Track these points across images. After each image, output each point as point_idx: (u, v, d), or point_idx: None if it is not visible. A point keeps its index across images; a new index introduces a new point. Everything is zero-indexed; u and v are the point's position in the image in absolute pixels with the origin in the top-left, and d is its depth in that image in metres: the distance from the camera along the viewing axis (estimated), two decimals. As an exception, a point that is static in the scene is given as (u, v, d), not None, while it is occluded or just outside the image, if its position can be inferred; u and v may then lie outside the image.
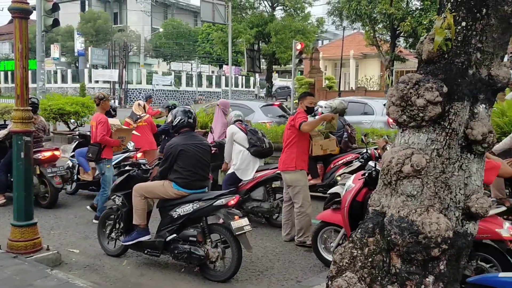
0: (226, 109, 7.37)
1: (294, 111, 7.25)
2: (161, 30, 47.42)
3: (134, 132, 7.35)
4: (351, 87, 35.43)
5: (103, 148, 6.17)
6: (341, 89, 31.51)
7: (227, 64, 20.15)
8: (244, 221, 4.27)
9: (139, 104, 8.18)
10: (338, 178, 6.19)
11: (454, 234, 2.28)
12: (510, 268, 3.66)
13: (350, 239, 2.44)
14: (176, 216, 4.38)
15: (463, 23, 2.34)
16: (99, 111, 6.37)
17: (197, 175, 4.45)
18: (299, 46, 18.17)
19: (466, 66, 2.35)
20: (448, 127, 2.31)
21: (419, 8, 21.90)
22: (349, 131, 7.53)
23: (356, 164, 6.13)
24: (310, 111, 5.63)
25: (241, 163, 6.12)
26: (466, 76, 2.35)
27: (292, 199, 5.39)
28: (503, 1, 2.30)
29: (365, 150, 6.12)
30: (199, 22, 48.51)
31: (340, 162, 7.22)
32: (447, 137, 2.31)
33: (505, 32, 2.39)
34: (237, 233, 4.17)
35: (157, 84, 37.44)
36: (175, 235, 4.39)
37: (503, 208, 4.11)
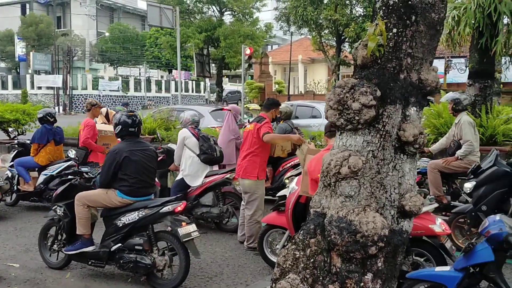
0: (238, 114, 7.28)
1: (250, 117, 7.30)
2: (107, 34, 46.19)
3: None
4: (300, 91, 36.07)
5: (90, 152, 6.20)
6: (291, 93, 32.03)
7: (176, 69, 19.93)
8: (192, 228, 4.23)
9: (101, 113, 7.86)
10: (286, 181, 6.28)
11: (390, 232, 2.38)
12: (443, 262, 3.87)
13: (293, 240, 2.48)
14: (121, 225, 4.27)
15: (394, 30, 2.45)
16: (89, 116, 6.72)
17: (143, 182, 4.36)
18: (248, 51, 18.28)
19: (397, 71, 2.46)
20: (382, 129, 2.41)
21: (362, 14, 22.69)
22: (297, 135, 7.66)
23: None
24: (275, 119, 5.80)
25: (191, 169, 6.07)
26: (398, 81, 2.46)
27: (246, 204, 5.40)
28: (431, 9, 2.44)
29: (311, 153, 6.24)
30: (147, 27, 47.67)
31: (288, 165, 7.32)
32: (382, 139, 2.41)
33: (433, 38, 2.53)
34: (184, 240, 4.12)
35: (103, 90, 36.42)
36: (120, 244, 4.29)
37: (435, 205, 4.32)
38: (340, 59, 25.05)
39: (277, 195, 5.50)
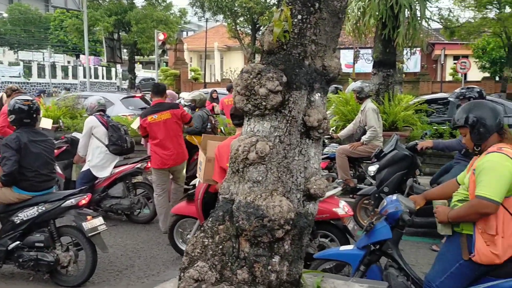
0: (175, 100, 7.20)
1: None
2: (5, 15, 42.33)
3: None
4: (217, 79, 35.93)
5: None
6: (207, 80, 31.76)
7: (84, 54, 18.82)
8: (98, 221, 4.03)
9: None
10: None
11: (296, 215, 2.42)
12: (347, 242, 4.08)
13: (202, 228, 2.44)
14: (18, 221, 3.95)
15: (299, 16, 2.46)
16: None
17: (42, 176, 4.05)
18: (161, 37, 17.81)
19: (302, 57, 2.49)
20: (289, 114, 2.43)
21: (276, 2, 23.04)
22: (213, 122, 7.60)
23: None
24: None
25: (98, 160, 5.76)
26: (303, 67, 2.49)
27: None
28: (333, -4, 2.49)
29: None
30: (51, 8, 44.41)
31: (203, 153, 7.25)
32: (288, 124, 2.43)
33: (336, 26, 2.59)
34: (90, 234, 3.92)
35: (2, 76, 33.44)
36: (18, 242, 3.97)
37: (339, 189, 4.53)
38: (255, 47, 25.33)
39: (191, 183, 5.43)
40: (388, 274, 3.21)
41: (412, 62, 31.86)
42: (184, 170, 5.81)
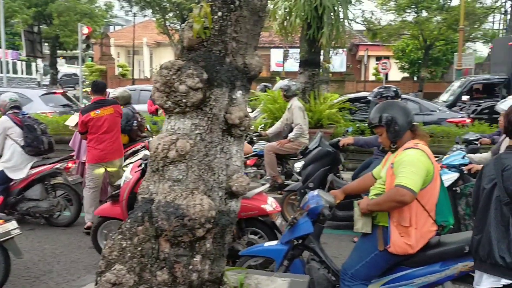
0: None
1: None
2: None
3: None
4: (146, 76, 35.03)
5: None
6: (136, 77, 30.87)
7: (0, 47, 17.53)
8: (11, 225, 3.77)
9: None
10: (125, 168, 6.03)
11: (218, 213, 2.41)
12: (275, 238, 4.15)
13: (119, 230, 2.36)
14: None
15: (219, 13, 2.45)
16: None
17: None
18: (85, 30, 16.98)
19: (223, 54, 2.48)
20: (210, 112, 2.41)
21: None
22: (139, 120, 7.38)
23: (142, 153, 6.05)
24: None
25: (13, 160, 5.39)
26: (224, 64, 2.48)
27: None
28: (254, -5, 2.50)
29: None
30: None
31: (129, 151, 7.03)
32: (209, 122, 2.42)
33: (256, 24, 2.60)
34: (2, 239, 3.65)
35: None
36: None
37: (267, 186, 4.59)
38: (185, 44, 24.91)
39: (114, 183, 5.26)
40: (310, 268, 3.30)
41: (338, 62, 33.14)
42: (120, 170, 5.63)
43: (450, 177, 4.79)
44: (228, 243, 2.57)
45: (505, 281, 2.46)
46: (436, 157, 5.55)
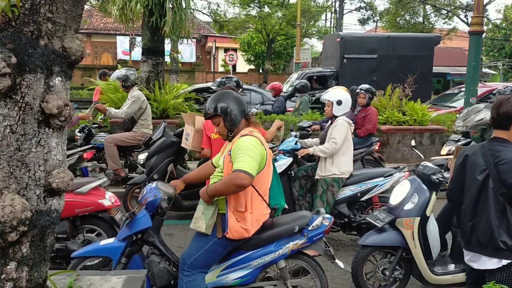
0: None
1: None
2: None
3: None
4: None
5: None
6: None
7: None
8: None
9: None
10: None
11: (37, 213, 2.17)
12: (115, 234, 3.94)
13: None
14: None
15: (30, -10, 2.17)
16: None
17: None
18: None
19: (37, 36, 2.21)
20: (21, 101, 2.13)
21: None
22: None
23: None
24: None
25: None
26: (37, 47, 2.21)
27: None
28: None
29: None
30: None
31: None
32: (21, 112, 2.14)
33: (77, 4, 2.38)
34: None
35: None
36: None
37: (104, 179, 4.35)
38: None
39: None
40: (150, 262, 3.21)
41: (188, 53, 33.16)
42: None
43: (285, 161, 5.12)
44: (52, 245, 2.33)
45: (505, 261, 2.68)
46: (274, 143, 5.91)
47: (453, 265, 3.89)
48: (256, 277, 3.21)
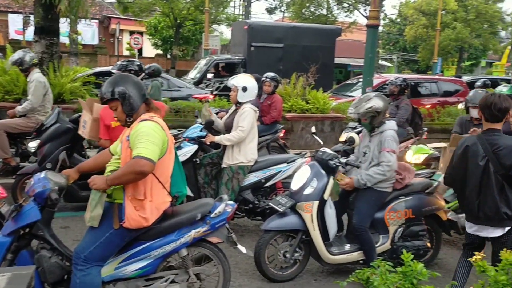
0: None
1: None
2: None
3: None
4: None
5: None
6: None
7: None
8: None
9: None
10: None
11: None
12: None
13: None
14: None
15: None
16: None
17: None
18: None
19: None
20: None
21: None
22: None
23: None
24: None
25: None
26: None
27: None
28: None
29: None
30: None
31: None
32: None
33: None
34: None
35: None
36: None
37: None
38: None
39: None
40: (40, 257, 2.98)
41: (89, 34, 31.20)
42: None
43: (190, 149, 5.04)
44: None
45: (507, 228, 3.21)
46: (179, 130, 5.79)
47: (349, 245, 4.13)
48: (157, 267, 3.13)
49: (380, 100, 4.01)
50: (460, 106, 10.56)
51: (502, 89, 6.10)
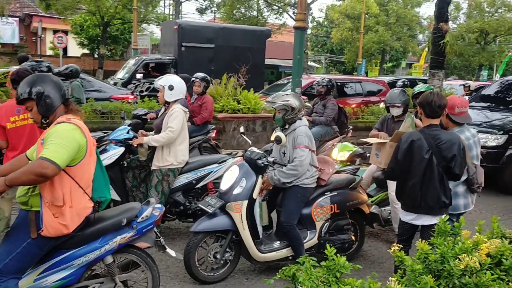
0: None
1: None
2: None
3: None
4: None
5: None
6: None
7: None
8: None
9: None
10: None
11: None
12: None
13: None
14: None
15: None
16: None
17: None
18: None
19: None
20: None
21: None
22: None
23: None
24: None
25: None
26: None
27: None
28: None
29: None
30: None
31: None
32: None
33: None
34: None
35: None
36: None
37: None
38: None
39: None
40: None
41: (9, 33, 29.26)
42: None
43: (116, 151, 4.88)
44: None
45: (444, 215, 3.08)
46: (105, 132, 5.58)
47: (278, 242, 4.20)
48: (81, 276, 3.00)
49: (297, 99, 4.19)
50: (382, 105, 11.14)
51: (420, 88, 6.52)
